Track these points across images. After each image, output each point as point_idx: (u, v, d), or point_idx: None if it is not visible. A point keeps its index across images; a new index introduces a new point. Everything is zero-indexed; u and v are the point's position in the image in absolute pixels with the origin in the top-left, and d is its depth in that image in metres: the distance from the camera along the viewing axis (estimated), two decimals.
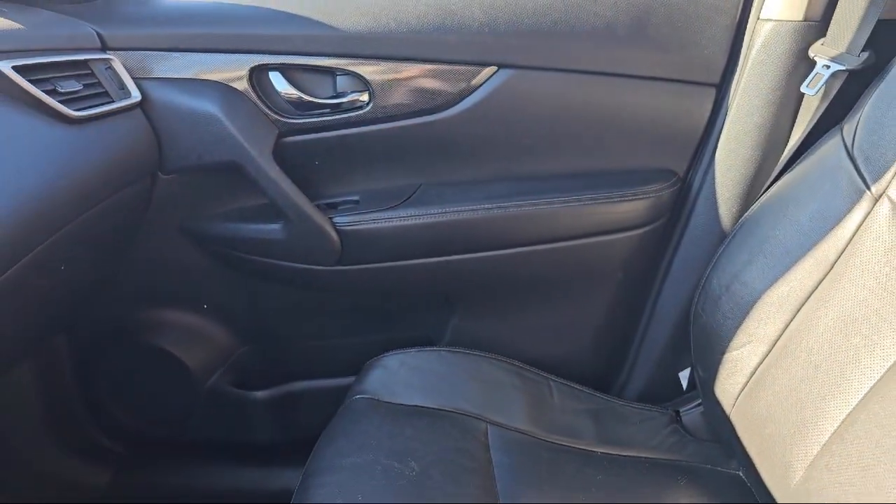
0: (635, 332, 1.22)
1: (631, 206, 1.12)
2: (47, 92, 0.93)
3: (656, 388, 1.20)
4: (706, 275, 1.04)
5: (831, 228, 0.89)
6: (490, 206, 1.12)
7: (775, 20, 1.01)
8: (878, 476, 0.69)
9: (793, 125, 1.04)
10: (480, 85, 1.09)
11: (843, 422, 0.78)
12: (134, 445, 1.34)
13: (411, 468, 0.88)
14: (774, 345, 0.93)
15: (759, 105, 1.04)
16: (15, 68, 0.91)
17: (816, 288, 0.89)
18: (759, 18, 1.03)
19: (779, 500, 0.86)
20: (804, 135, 0.99)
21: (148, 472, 1.34)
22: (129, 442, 1.34)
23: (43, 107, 0.92)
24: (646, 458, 1.01)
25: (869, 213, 0.85)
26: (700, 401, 1.09)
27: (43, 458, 1.28)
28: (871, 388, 0.77)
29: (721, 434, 1.02)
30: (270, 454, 1.34)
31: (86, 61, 1.01)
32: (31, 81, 0.92)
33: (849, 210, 0.87)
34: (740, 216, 1.06)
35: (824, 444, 0.80)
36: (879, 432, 0.72)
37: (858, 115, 0.92)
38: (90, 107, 0.98)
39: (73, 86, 0.98)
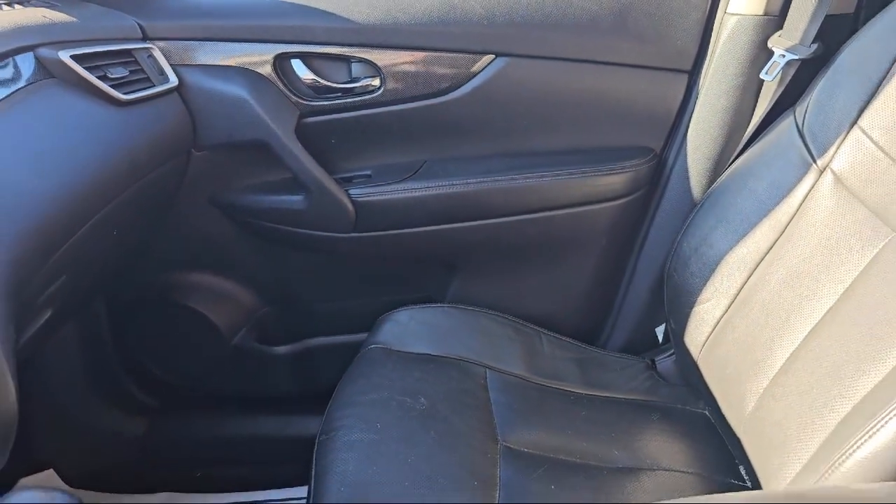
0: (617, 292, 1.36)
1: (613, 180, 1.27)
2: (99, 78, 1.06)
3: (635, 341, 1.34)
4: (678, 239, 1.18)
5: (784, 197, 1.03)
6: (488, 179, 1.26)
7: (740, 14, 1.15)
8: (812, 398, 0.83)
9: (754, 108, 1.18)
10: (479, 71, 1.22)
11: (787, 359, 0.92)
12: (167, 398, 1.48)
13: (421, 403, 1.02)
14: (735, 298, 1.07)
15: (725, 89, 1.18)
16: (73, 57, 1.03)
17: (771, 248, 1.04)
18: (726, 13, 1.17)
19: (734, 429, 1.01)
20: (763, 116, 1.13)
21: (180, 422, 1.48)
22: (162, 395, 1.47)
23: (96, 91, 1.05)
24: (624, 398, 1.16)
25: (815, 183, 1.00)
26: (672, 350, 1.24)
27: (88, 412, 1.41)
28: (811, 330, 0.91)
29: (690, 378, 1.17)
30: (290, 404, 1.48)
31: (130, 50, 1.14)
32: (85, 69, 1.05)
33: (798, 181, 1.02)
34: (708, 187, 1.20)
35: (772, 378, 0.94)
36: (814, 364, 0.87)
37: (808, 99, 1.06)
38: (135, 91, 1.11)
39: (121, 72, 1.11)
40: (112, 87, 1.07)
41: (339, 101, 1.25)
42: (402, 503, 0.83)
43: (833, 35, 1.06)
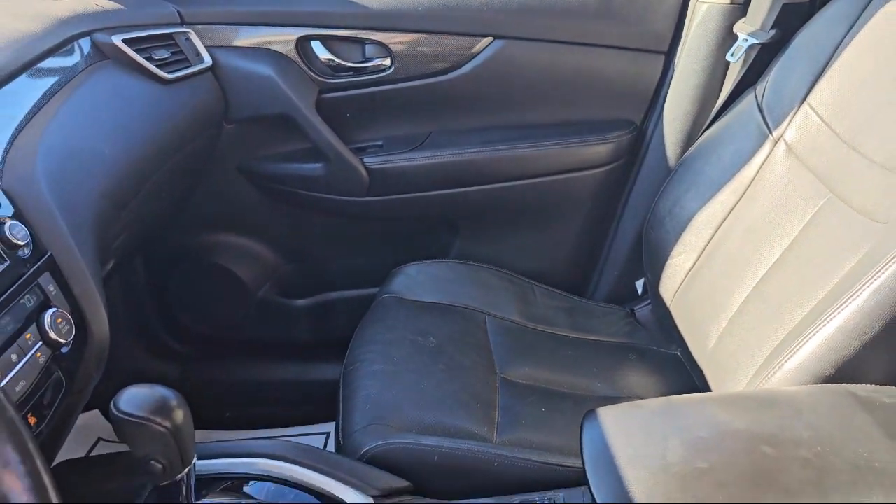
0: (602, 249, 1.52)
1: (597, 149, 1.42)
2: (146, 59, 1.21)
3: (618, 293, 1.50)
4: (655, 202, 1.33)
5: (744, 164, 1.19)
6: (487, 148, 1.42)
7: (710, 2, 1.29)
8: (759, 332, 0.99)
9: (721, 85, 1.33)
10: (479, 52, 1.37)
11: (742, 302, 1.09)
12: (198, 347, 1.63)
13: (431, 342, 1.18)
14: (702, 252, 1.23)
15: (697, 69, 1.33)
16: (124, 41, 1.18)
17: (733, 208, 1.19)
18: (697, 1, 1.31)
19: (699, 363, 1.17)
20: (728, 93, 1.28)
21: (210, 368, 1.63)
22: (193, 344, 1.63)
23: (144, 70, 1.20)
24: (605, 341, 1.32)
25: (770, 152, 1.15)
26: (649, 300, 1.40)
27: (129, 359, 1.57)
28: (762, 277, 1.07)
29: (663, 323, 1.33)
30: (309, 351, 1.63)
31: (171, 34, 1.29)
32: (134, 51, 1.19)
33: (757, 150, 1.17)
34: (682, 156, 1.36)
35: (729, 319, 1.10)
36: (762, 305, 1.03)
37: (767, 79, 1.21)
38: (176, 70, 1.26)
39: (164, 54, 1.25)
40: (157, 67, 1.22)
41: (353, 79, 1.40)
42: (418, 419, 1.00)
43: (790, 22, 1.20)
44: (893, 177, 0.91)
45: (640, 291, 1.49)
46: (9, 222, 0.75)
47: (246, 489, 0.84)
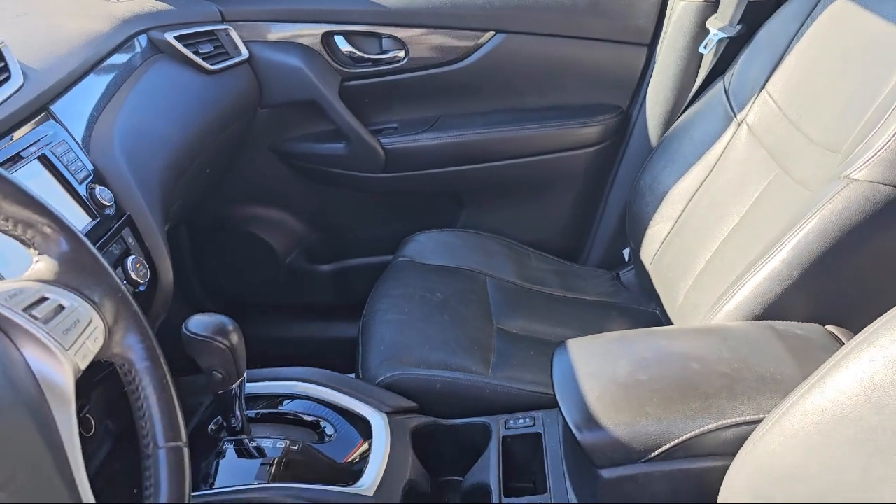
0: (593, 220, 1.70)
1: (588, 131, 1.60)
2: (193, 53, 1.40)
3: (607, 260, 1.67)
4: (637, 177, 1.51)
5: (713, 143, 1.35)
6: (490, 130, 1.60)
7: (685, 1, 1.46)
8: (718, 286, 1.16)
9: (696, 74, 1.50)
10: (483, 45, 1.55)
11: (706, 263, 1.26)
12: (232, 307, 1.83)
13: (437, 297, 1.37)
14: (676, 222, 1.40)
15: (674, 60, 1.50)
16: (175, 38, 1.37)
17: (703, 182, 1.36)
18: None
19: (671, 318, 1.34)
20: (702, 81, 1.45)
21: (241, 326, 1.83)
22: (228, 304, 1.83)
23: (192, 63, 1.39)
24: (591, 300, 1.50)
25: (734, 133, 1.32)
26: (632, 266, 1.58)
27: (177, 318, 1.78)
28: (722, 241, 1.24)
29: (644, 285, 1.50)
30: (331, 312, 1.83)
31: (213, 31, 1.48)
32: (183, 46, 1.38)
33: (723, 131, 1.34)
34: (662, 137, 1.53)
35: (694, 278, 1.27)
36: (721, 264, 1.19)
37: (734, 69, 1.38)
38: (218, 62, 1.45)
39: (208, 48, 1.45)
40: (202, 59, 1.41)
41: (372, 69, 1.59)
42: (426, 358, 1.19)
43: (754, 18, 1.36)
44: (827, 154, 1.07)
45: (626, 259, 1.66)
46: (97, 188, 0.95)
47: (283, 405, 1.04)
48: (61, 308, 0.55)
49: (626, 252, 1.67)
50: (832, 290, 0.99)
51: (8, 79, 0.92)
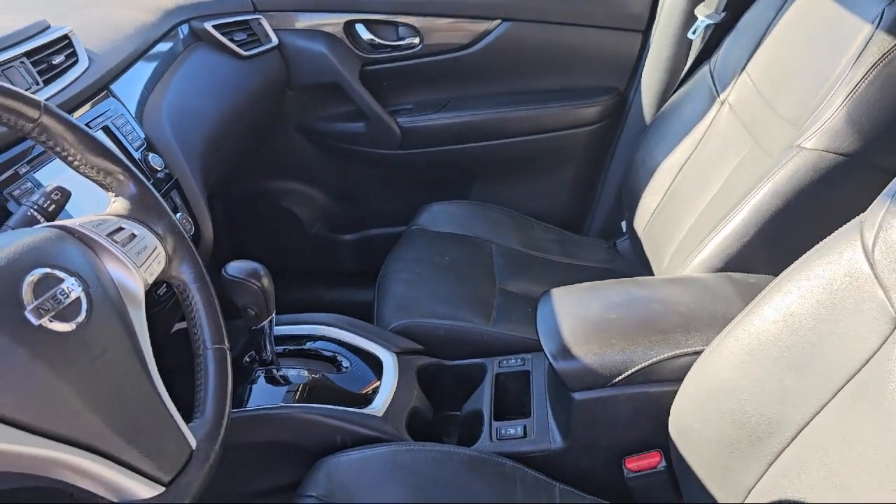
0: (593, 194, 1.84)
1: (589, 110, 1.74)
2: (229, 40, 1.56)
3: (607, 230, 1.81)
4: (632, 153, 1.64)
5: (699, 121, 1.48)
6: (497, 110, 1.75)
7: None
8: (697, 245, 1.29)
9: (686, 58, 1.62)
10: (490, 31, 1.69)
11: (688, 229, 1.39)
12: None
13: (446, 260, 1.52)
14: (665, 193, 1.53)
15: (666, 45, 1.62)
16: (213, 26, 1.53)
17: (689, 157, 1.49)
18: None
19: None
20: (690, 64, 1.58)
21: None
22: None
23: (228, 49, 1.55)
24: (589, 266, 1.63)
25: (717, 112, 1.45)
26: (628, 235, 1.71)
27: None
28: (702, 210, 1.37)
29: (637, 253, 1.63)
30: (352, 278, 1.98)
31: (246, 20, 1.64)
32: (221, 34, 1.54)
33: (708, 109, 1.47)
34: (655, 115, 1.66)
35: (679, 242, 1.40)
36: (702, 227, 1.31)
37: (718, 53, 1.50)
38: (251, 49, 1.61)
39: (242, 36, 1.61)
40: (237, 46, 1.57)
41: (389, 55, 1.75)
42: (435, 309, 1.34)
43: (737, 5, 1.48)
44: (789, 127, 1.20)
45: (623, 229, 1.80)
46: (150, 155, 1.12)
47: (306, 344, 1.20)
48: (134, 236, 0.71)
49: (623, 224, 1.80)
50: (785, 246, 1.11)
51: (76, 62, 1.09)
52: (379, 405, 1.07)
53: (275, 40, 1.67)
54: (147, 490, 0.60)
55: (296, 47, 1.69)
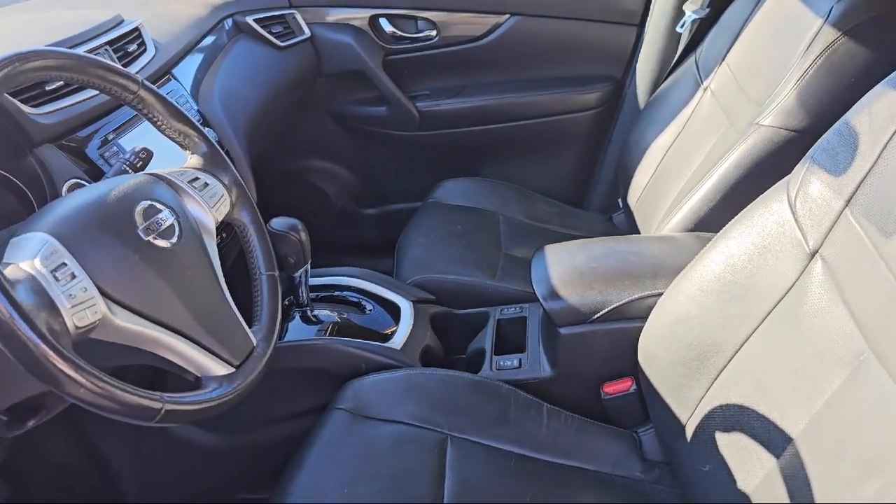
0: (593, 173, 2.02)
1: (589, 96, 1.92)
2: (268, 33, 1.76)
3: (606, 206, 1.99)
4: (628, 135, 1.82)
5: (685, 106, 1.65)
6: (506, 96, 1.94)
7: None
8: (677, 204, 1.48)
9: (675, 50, 1.80)
10: (500, 25, 1.88)
11: (672, 200, 1.56)
12: None
13: (457, 228, 1.70)
14: (655, 170, 1.70)
15: (658, 37, 1.80)
16: (254, 20, 1.74)
17: (676, 138, 1.66)
18: None
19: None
20: (678, 56, 1.76)
21: None
22: None
23: (266, 41, 1.75)
24: (584, 236, 1.81)
25: (701, 97, 1.62)
26: (622, 210, 1.89)
27: None
28: (684, 183, 1.55)
29: (630, 225, 1.80)
30: (375, 249, 2.17)
31: (283, 15, 1.84)
32: (260, 27, 1.75)
33: (692, 95, 1.64)
34: (648, 101, 1.83)
35: (668, 207, 1.57)
36: (685, 200, 1.51)
37: (703, 44, 1.68)
38: (286, 40, 1.81)
39: (279, 28, 1.81)
40: (274, 38, 1.77)
41: (409, 46, 1.94)
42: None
43: (721, 2, 1.66)
44: (755, 108, 1.36)
45: (620, 205, 1.98)
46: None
47: (335, 292, 1.40)
48: (207, 184, 0.91)
49: (621, 200, 1.99)
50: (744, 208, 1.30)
51: (145, 51, 1.29)
52: (397, 341, 1.26)
53: (307, 32, 1.87)
54: (221, 369, 0.81)
55: (326, 39, 1.89)
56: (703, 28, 1.70)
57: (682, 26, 1.74)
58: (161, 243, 0.78)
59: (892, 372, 0.73)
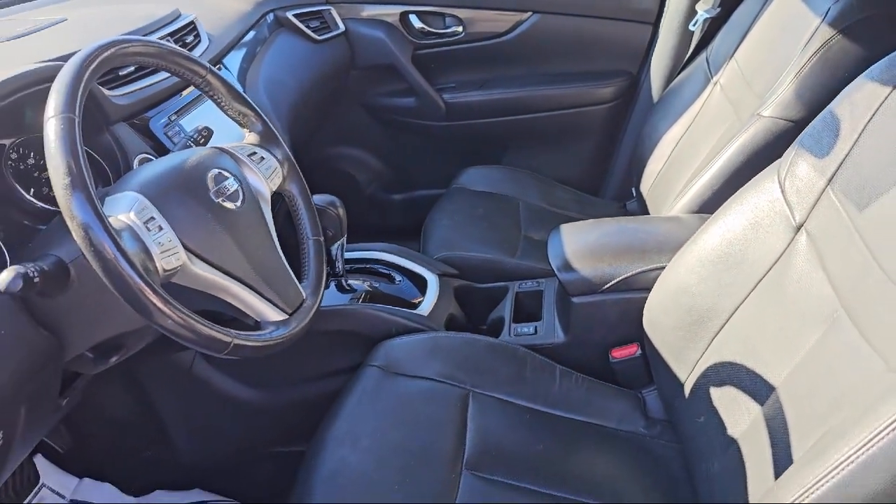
0: (608, 162, 2.13)
1: (605, 90, 2.03)
2: (306, 27, 1.89)
3: (618, 194, 2.11)
4: (642, 127, 1.93)
5: (695, 100, 1.76)
6: (527, 89, 2.06)
7: None
8: (681, 190, 1.59)
9: (688, 47, 1.90)
10: (523, 22, 2.00)
11: (681, 187, 1.68)
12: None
13: (480, 212, 1.82)
14: (666, 160, 1.81)
15: (671, 35, 1.91)
16: (293, 15, 1.87)
17: (687, 129, 1.76)
18: None
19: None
20: (690, 52, 1.86)
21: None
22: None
23: (305, 35, 1.88)
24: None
25: (710, 92, 1.73)
26: (636, 198, 2.00)
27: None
28: (694, 169, 1.66)
29: (642, 211, 1.92)
30: (401, 233, 2.28)
31: (319, 11, 1.97)
32: (299, 22, 1.88)
33: (703, 90, 1.74)
34: (661, 96, 1.94)
35: (677, 193, 1.69)
36: (694, 184, 1.62)
37: (713, 42, 1.78)
38: (323, 34, 1.94)
39: (315, 23, 1.94)
40: (312, 32, 1.90)
41: (437, 41, 2.07)
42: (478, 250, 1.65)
43: (731, 1, 1.76)
44: (758, 100, 1.47)
45: (634, 194, 2.09)
46: None
47: (367, 265, 1.52)
48: (263, 158, 1.04)
49: (635, 189, 2.10)
50: None
51: (200, 42, 1.43)
52: (424, 309, 1.39)
53: (342, 27, 2.00)
54: (277, 315, 0.93)
55: (359, 34, 2.02)
56: (714, 26, 1.80)
57: (694, 24, 1.84)
58: (228, 205, 0.91)
59: (858, 325, 0.84)
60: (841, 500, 0.66)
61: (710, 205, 1.42)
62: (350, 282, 1.43)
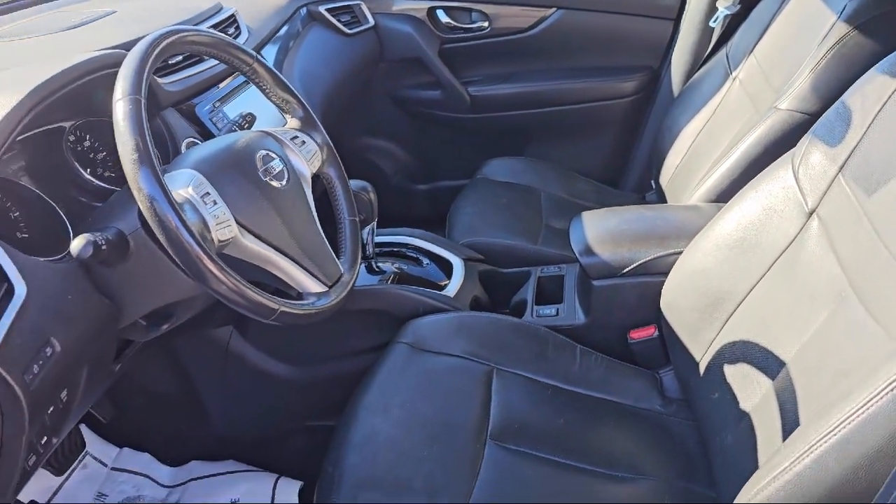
0: (628, 155, 2.18)
1: (627, 84, 2.09)
2: (337, 21, 1.96)
3: (638, 186, 2.16)
4: (662, 121, 1.98)
5: (714, 94, 1.81)
6: (551, 83, 2.12)
7: None
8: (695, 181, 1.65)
9: (708, 42, 1.95)
10: (547, 17, 2.06)
11: (699, 179, 1.73)
12: None
13: (503, 202, 1.88)
14: (686, 153, 1.85)
15: (692, 31, 1.96)
16: (325, 9, 1.94)
17: (706, 123, 1.81)
18: None
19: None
20: (710, 48, 1.91)
21: None
22: None
23: (336, 28, 1.95)
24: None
25: (730, 86, 1.77)
26: (655, 190, 2.05)
27: None
28: (713, 160, 1.70)
29: (662, 201, 1.97)
30: (426, 221, 2.34)
31: (350, 5, 2.04)
32: (331, 16, 1.95)
33: (722, 85, 1.79)
34: (681, 90, 1.99)
35: (692, 190, 1.74)
36: (712, 175, 1.67)
37: (733, 38, 1.83)
38: (353, 28, 2.01)
39: (346, 17, 2.01)
40: (343, 26, 1.97)
41: (463, 35, 2.13)
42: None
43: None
44: (775, 94, 1.52)
45: (653, 186, 2.14)
46: None
47: (395, 248, 1.59)
48: (304, 142, 1.11)
49: (654, 182, 2.15)
50: None
51: (239, 34, 1.50)
52: (450, 290, 1.45)
53: (372, 21, 2.07)
54: (318, 287, 1.00)
55: (388, 28, 2.09)
56: (734, 23, 1.85)
57: (714, 21, 1.89)
58: (275, 184, 0.97)
59: (865, 303, 0.90)
60: (841, 456, 0.72)
61: (727, 194, 1.46)
62: (379, 264, 1.49)
